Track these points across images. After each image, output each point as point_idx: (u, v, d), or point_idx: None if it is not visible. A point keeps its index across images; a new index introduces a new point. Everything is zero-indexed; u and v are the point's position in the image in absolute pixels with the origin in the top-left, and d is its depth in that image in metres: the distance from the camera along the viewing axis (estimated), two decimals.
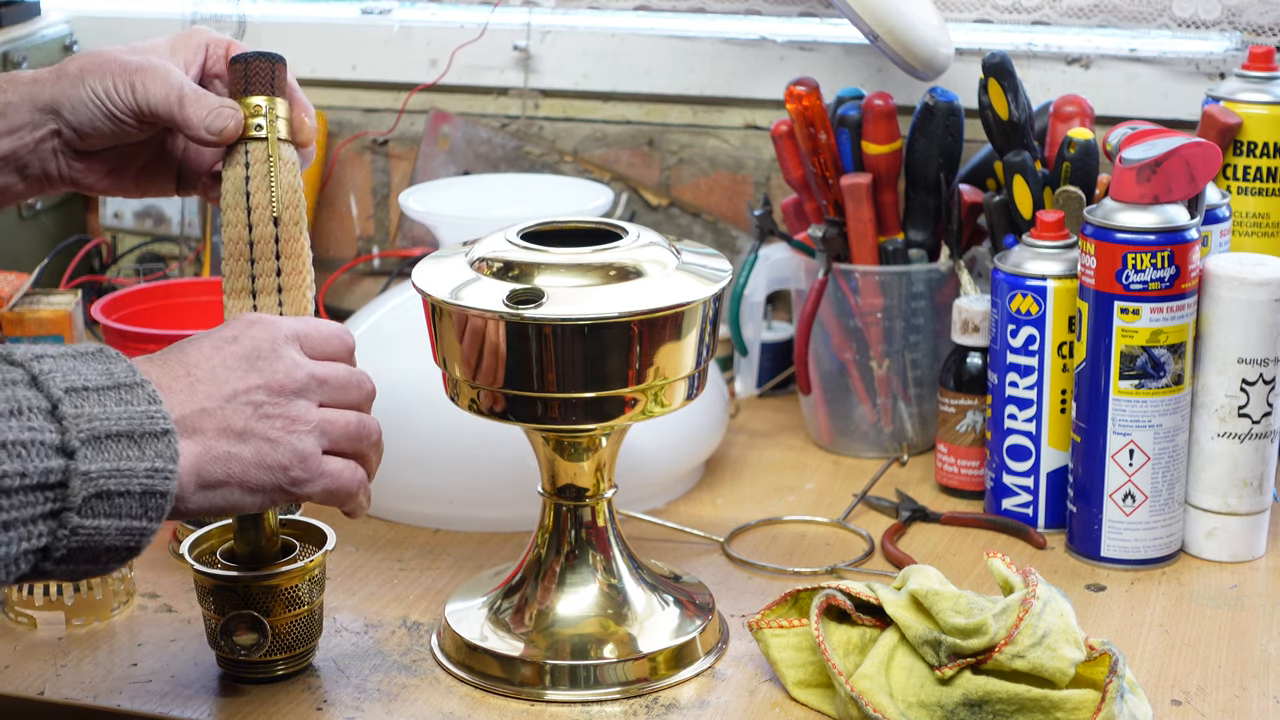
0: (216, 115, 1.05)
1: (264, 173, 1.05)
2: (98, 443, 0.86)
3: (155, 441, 0.88)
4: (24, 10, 1.74)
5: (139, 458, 0.87)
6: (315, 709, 1.07)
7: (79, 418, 0.85)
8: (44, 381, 0.86)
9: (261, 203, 1.05)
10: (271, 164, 1.05)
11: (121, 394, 0.88)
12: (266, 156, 1.06)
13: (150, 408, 0.89)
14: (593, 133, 1.69)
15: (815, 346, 1.45)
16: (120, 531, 0.87)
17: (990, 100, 1.35)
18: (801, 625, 1.08)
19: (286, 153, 1.07)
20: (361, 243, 1.77)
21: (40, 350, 0.88)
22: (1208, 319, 1.22)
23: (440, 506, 1.31)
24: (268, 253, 1.06)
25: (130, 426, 0.87)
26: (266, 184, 1.05)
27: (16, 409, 0.84)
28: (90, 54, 1.07)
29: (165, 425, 0.89)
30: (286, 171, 1.06)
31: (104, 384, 0.88)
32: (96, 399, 0.87)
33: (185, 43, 1.09)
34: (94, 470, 0.85)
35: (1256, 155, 1.36)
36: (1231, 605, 1.19)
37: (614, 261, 1.07)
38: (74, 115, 1.06)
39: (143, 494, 0.88)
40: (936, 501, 1.36)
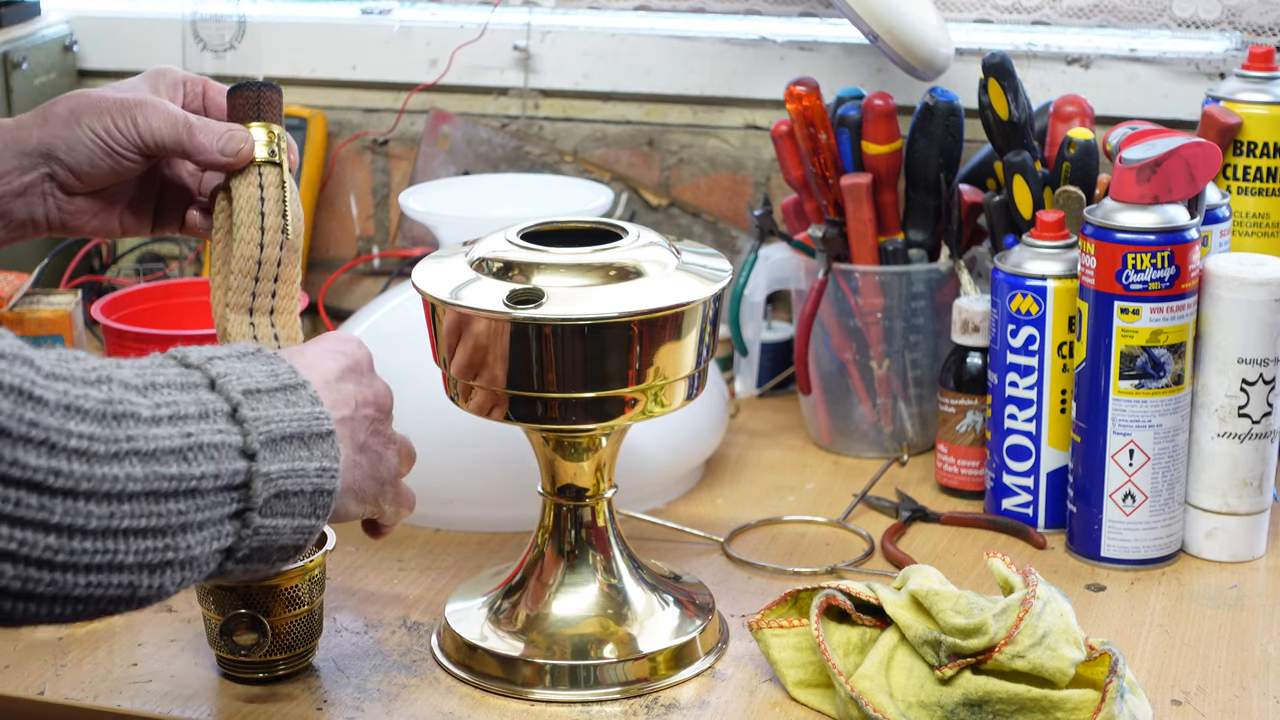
0: (229, 139, 1.07)
1: (278, 196, 1.07)
2: (274, 445, 0.88)
3: (321, 442, 0.91)
4: (24, 10, 1.74)
5: (309, 458, 0.90)
6: (315, 709, 1.07)
7: (257, 420, 0.88)
8: (222, 385, 0.88)
9: (274, 225, 1.07)
10: (286, 189, 1.07)
11: (289, 395, 0.91)
12: (280, 181, 1.08)
13: (314, 409, 0.92)
14: (593, 133, 1.69)
15: (815, 346, 1.45)
16: (294, 530, 0.90)
17: (990, 100, 1.35)
18: (801, 625, 1.08)
19: (293, 181, 1.09)
20: (361, 243, 1.78)
21: (210, 351, 0.91)
22: (1208, 319, 1.22)
23: (440, 506, 1.31)
24: (270, 274, 1.08)
25: (300, 428, 0.90)
26: (280, 208, 1.07)
27: (204, 412, 0.86)
28: (77, 95, 1.08)
29: (329, 426, 0.92)
30: (293, 200, 1.08)
31: (272, 385, 0.90)
32: (269, 401, 0.89)
33: (161, 80, 1.11)
34: (273, 471, 0.88)
35: (1256, 155, 1.36)
36: (1231, 605, 1.19)
37: (614, 261, 1.07)
38: (70, 156, 1.07)
39: (313, 493, 0.91)
40: (936, 501, 1.36)
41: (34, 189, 1.08)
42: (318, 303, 1.71)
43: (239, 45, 1.64)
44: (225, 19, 1.64)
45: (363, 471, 0.98)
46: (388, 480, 1.01)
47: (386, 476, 1.01)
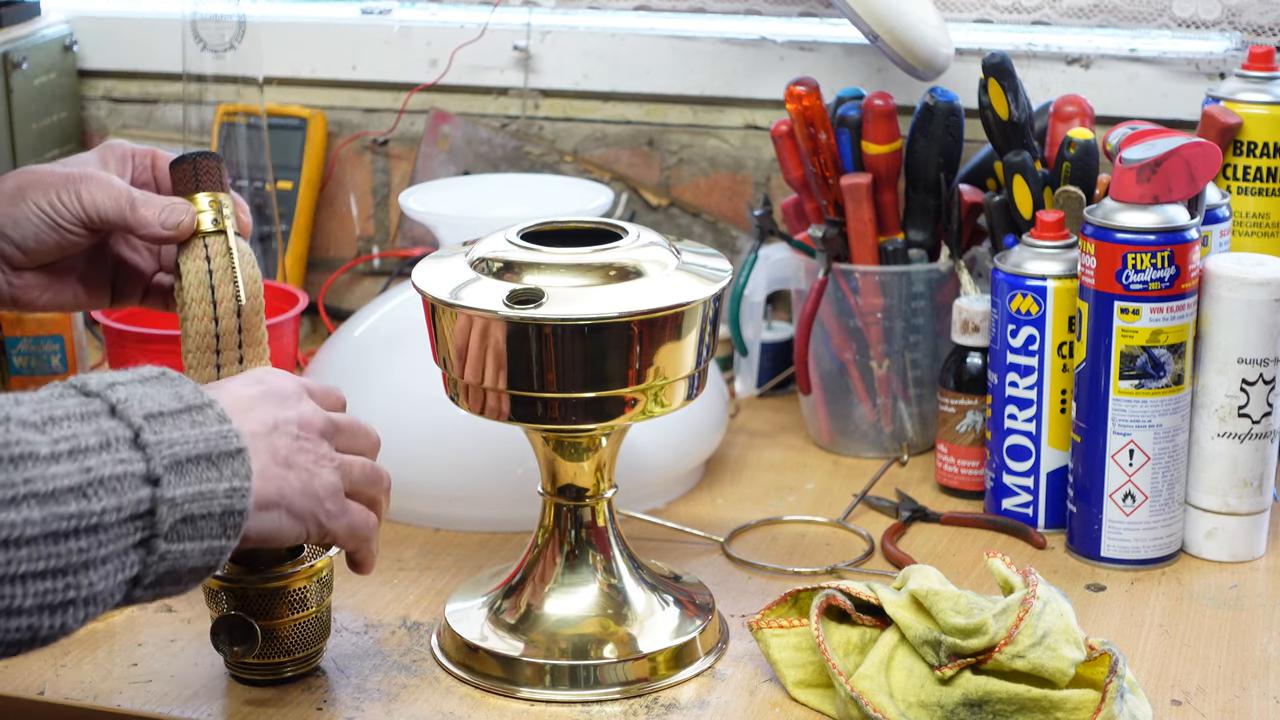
0: (170, 211, 1.07)
1: (225, 266, 1.07)
2: (179, 467, 0.87)
3: (231, 460, 0.90)
4: (24, 10, 1.74)
5: (218, 479, 0.89)
6: (315, 709, 1.07)
7: (160, 444, 0.87)
8: (122, 410, 0.87)
9: (226, 295, 1.07)
10: (233, 256, 1.07)
11: (194, 415, 0.90)
12: (226, 250, 1.07)
13: (222, 426, 0.90)
14: (593, 133, 1.69)
15: (815, 346, 1.45)
16: (203, 552, 0.89)
17: (990, 100, 1.35)
18: (801, 625, 1.08)
19: (243, 245, 1.08)
20: (361, 243, 1.77)
21: (111, 378, 0.89)
22: (1208, 319, 1.22)
23: (440, 506, 1.31)
24: (232, 343, 1.08)
25: (207, 448, 0.89)
26: (230, 276, 1.07)
27: (105, 442, 0.85)
28: (23, 172, 1.08)
29: (238, 444, 0.91)
30: (247, 263, 1.08)
31: (176, 407, 0.89)
32: (173, 423, 0.88)
33: (109, 154, 1.11)
34: (178, 496, 0.87)
35: (1256, 155, 1.36)
36: (1231, 605, 1.19)
37: (614, 261, 1.07)
38: (16, 231, 1.07)
39: (222, 514, 0.89)
40: (936, 501, 1.36)
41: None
42: (318, 303, 1.71)
43: (239, 45, 1.64)
44: (225, 19, 1.64)
45: (291, 486, 0.96)
46: (325, 497, 0.99)
47: (323, 493, 0.98)
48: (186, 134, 1.68)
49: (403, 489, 1.30)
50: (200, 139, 1.68)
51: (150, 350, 1.39)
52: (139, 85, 1.80)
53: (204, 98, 1.67)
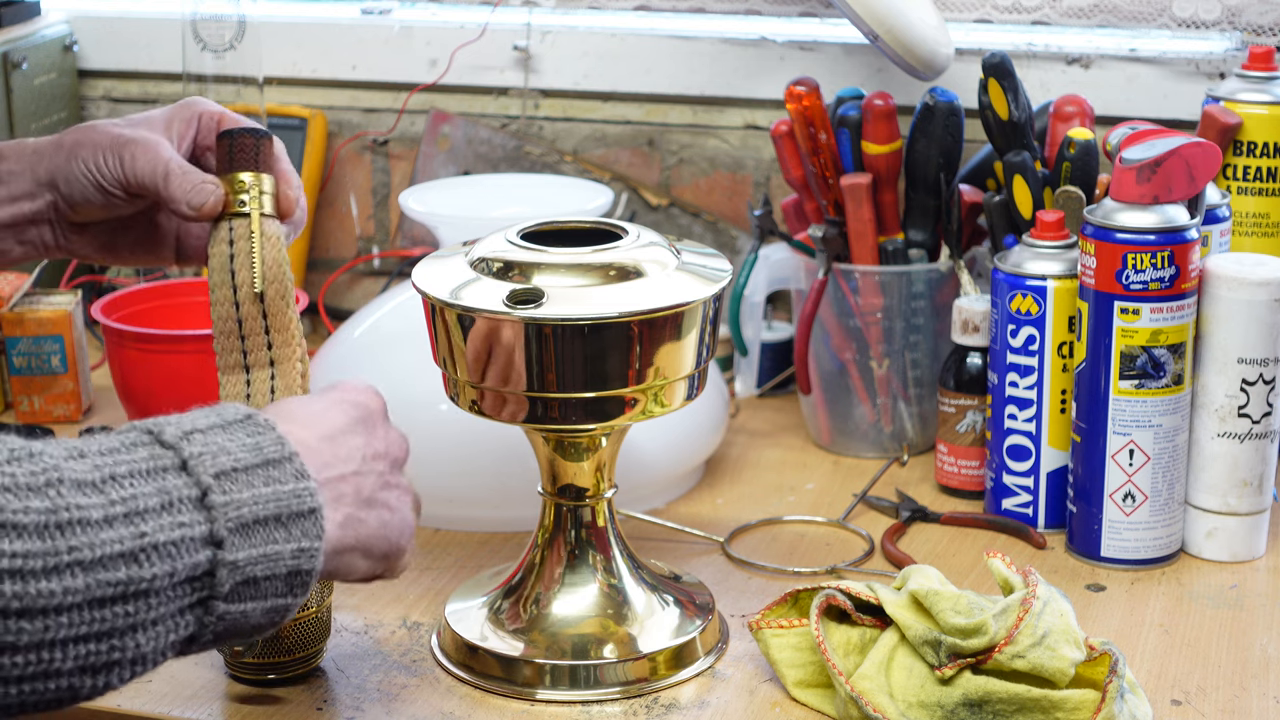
0: (198, 191, 1.05)
1: (247, 250, 1.05)
2: (245, 530, 0.84)
3: (302, 521, 0.87)
4: (24, 10, 1.74)
5: (286, 539, 0.86)
6: (315, 709, 1.07)
7: (228, 505, 0.84)
8: (194, 466, 0.84)
9: (246, 280, 1.05)
10: (254, 240, 1.05)
11: (270, 471, 0.86)
12: (250, 233, 1.05)
13: (298, 485, 0.87)
14: (593, 133, 1.69)
15: (815, 346, 1.45)
16: (265, 611, 0.86)
17: (990, 100, 1.35)
18: (801, 625, 1.08)
19: (270, 228, 1.06)
20: (361, 243, 1.78)
21: (190, 424, 0.86)
22: (1208, 319, 1.22)
23: (440, 506, 1.31)
24: (256, 329, 1.05)
25: (278, 509, 0.86)
26: (249, 261, 1.05)
27: (167, 502, 0.82)
28: (85, 127, 1.07)
29: (312, 503, 0.87)
30: (270, 247, 1.05)
31: (253, 462, 0.86)
32: (245, 480, 0.85)
33: (179, 114, 1.09)
34: (241, 559, 0.84)
35: (1256, 155, 1.36)
36: (1231, 605, 1.19)
37: (614, 261, 1.07)
38: (68, 188, 1.06)
39: (288, 574, 0.87)
40: (936, 501, 1.36)
41: (42, 216, 1.08)
42: (318, 303, 1.71)
43: (239, 45, 1.64)
44: (225, 19, 1.64)
45: (369, 529, 0.93)
46: (402, 536, 0.96)
47: (400, 533, 0.96)
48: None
49: None
50: None
51: (150, 350, 1.39)
52: (139, 85, 1.80)
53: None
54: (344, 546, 0.92)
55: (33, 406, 1.51)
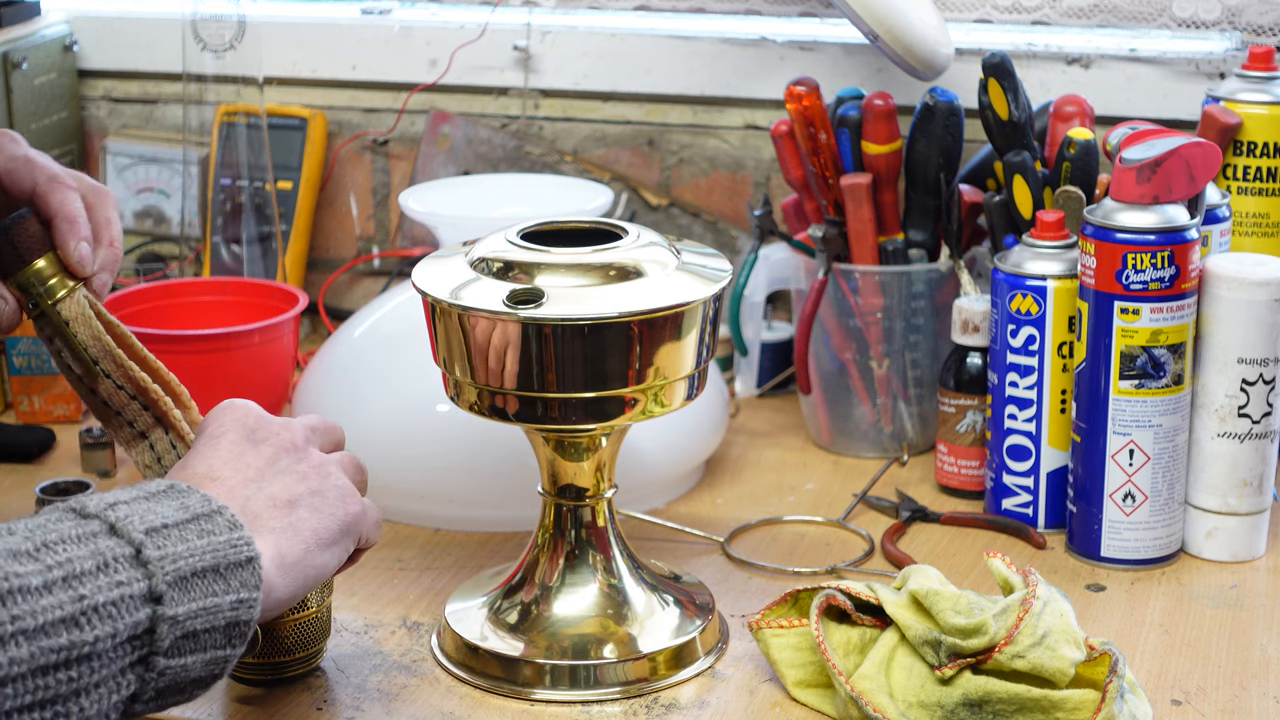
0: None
1: (64, 341, 1.03)
2: (184, 583, 0.84)
3: (240, 571, 0.87)
4: (24, 10, 1.74)
5: (224, 590, 0.86)
6: (315, 709, 1.07)
7: (164, 559, 0.84)
8: (123, 528, 0.84)
9: (83, 368, 1.03)
10: (65, 331, 1.03)
11: (202, 525, 0.87)
12: (56, 329, 1.03)
13: (233, 535, 0.88)
14: (593, 133, 1.69)
15: (815, 346, 1.45)
16: (205, 663, 0.87)
17: (990, 100, 1.35)
18: (801, 625, 1.08)
19: (73, 309, 1.03)
20: (361, 243, 1.77)
21: (113, 498, 0.86)
22: (1208, 319, 1.22)
23: (440, 506, 1.30)
24: (123, 400, 1.04)
25: (215, 560, 0.86)
26: (71, 351, 1.03)
27: (103, 563, 0.82)
28: None
29: (249, 553, 0.88)
30: (83, 328, 1.03)
31: (182, 518, 0.87)
32: (178, 535, 0.86)
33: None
34: (181, 614, 0.84)
35: (1256, 155, 1.36)
36: (1231, 605, 1.19)
37: (614, 261, 1.07)
38: None
39: (227, 625, 0.87)
40: (936, 501, 1.36)
41: None
42: (318, 303, 1.71)
43: (239, 45, 1.64)
44: (225, 19, 1.64)
45: (310, 524, 0.95)
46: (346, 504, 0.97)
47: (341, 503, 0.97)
48: (186, 134, 1.68)
49: (403, 489, 1.30)
50: (200, 139, 1.68)
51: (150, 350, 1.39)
52: (139, 85, 1.80)
53: (204, 98, 1.67)
54: (294, 556, 0.93)
55: (33, 406, 1.51)
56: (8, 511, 1.33)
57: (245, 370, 1.40)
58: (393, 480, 1.29)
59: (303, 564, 0.94)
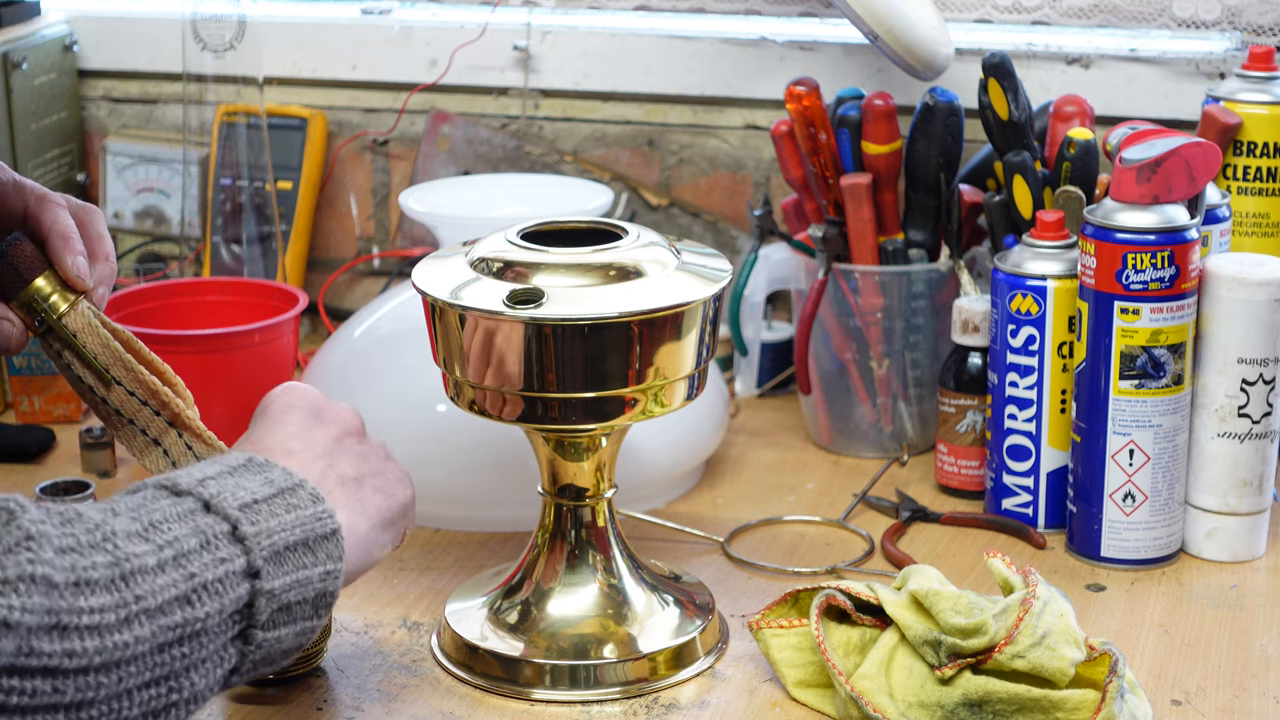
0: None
1: (74, 355, 1.05)
2: (278, 557, 0.88)
3: (326, 543, 0.91)
4: (24, 10, 1.74)
5: (313, 563, 0.90)
6: (315, 709, 1.07)
7: (259, 535, 0.87)
8: (217, 504, 0.87)
9: (94, 379, 1.05)
10: (74, 343, 1.04)
11: (288, 498, 0.90)
12: (68, 338, 1.04)
13: (317, 508, 0.91)
14: (593, 133, 1.69)
15: (815, 346, 1.45)
16: (296, 634, 0.90)
17: (990, 100, 1.35)
18: (801, 625, 1.08)
19: (76, 322, 1.05)
20: (361, 243, 1.78)
21: (199, 473, 0.89)
22: (1208, 319, 1.22)
23: (440, 506, 1.31)
24: (135, 406, 1.05)
25: (305, 534, 0.90)
26: (82, 362, 1.05)
27: (205, 541, 0.85)
28: None
29: (333, 525, 0.91)
30: (91, 338, 1.04)
31: (269, 493, 0.90)
32: (268, 510, 0.89)
33: None
34: (277, 587, 0.87)
35: (1256, 155, 1.36)
36: (1231, 605, 1.19)
37: (614, 261, 1.07)
38: None
39: (316, 597, 0.90)
40: (936, 501, 1.36)
41: None
42: (318, 303, 1.71)
43: (239, 45, 1.64)
44: (225, 19, 1.64)
45: (375, 503, 0.98)
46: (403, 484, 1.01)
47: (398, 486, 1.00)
48: (186, 134, 1.68)
49: None
50: (200, 139, 1.68)
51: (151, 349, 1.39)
52: (139, 85, 1.80)
53: (204, 98, 1.67)
54: (359, 534, 0.95)
55: (33, 406, 1.51)
56: None
57: (245, 370, 1.40)
58: None
59: (368, 540, 0.97)
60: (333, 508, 0.92)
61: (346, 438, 1.00)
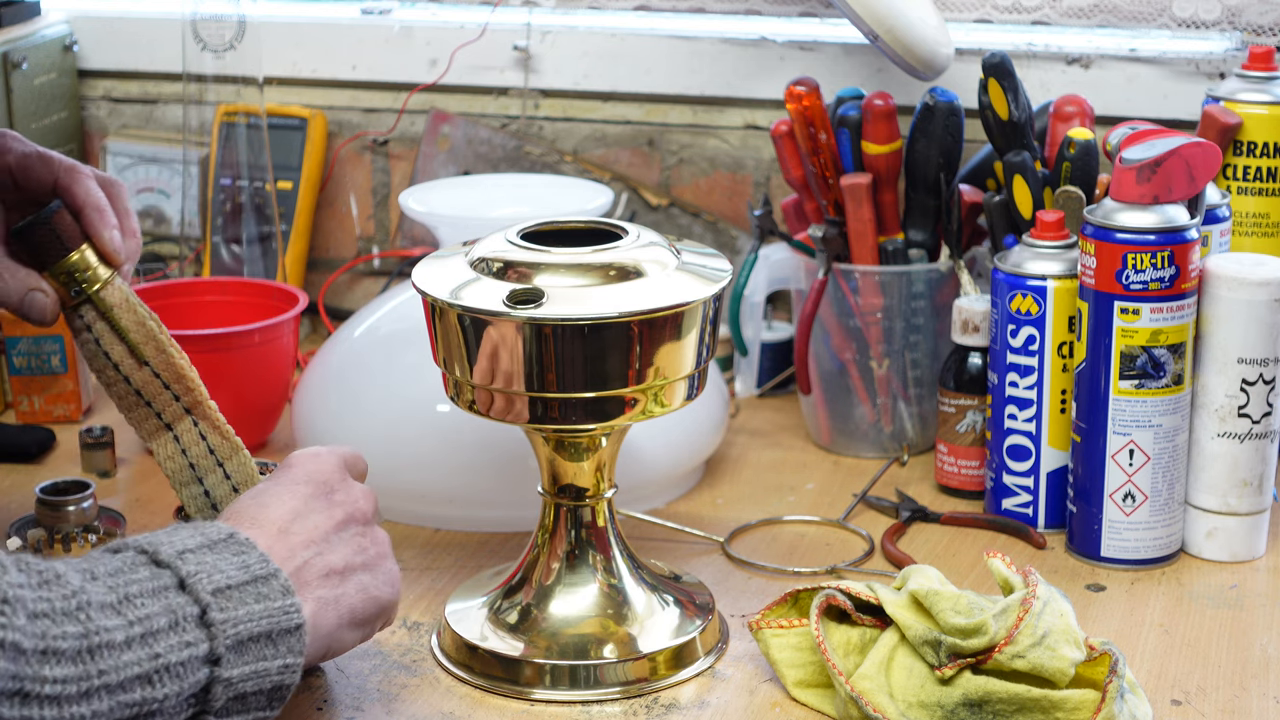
0: (31, 307, 1.04)
1: (107, 329, 1.04)
2: (240, 646, 0.89)
3: (289, 637, 0.91)
4: (24, 10, 1.74)
5: (273, 655, 0.90)
6: (315, 709, 1.07)
7: (225, 623, 0.88)
8: (192, 585, 0.88)
9: (122, 354, 1.05)
10: (109, 316, 1.04)
11: (259, 588, 0.91)
12: (99, 315, 1.04)
13: (285, 601, 0.91)
14: (593, 133, 1.69)
15: (815, 346, 1.45)
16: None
17: (990, 100, 1.35)
18: (801, 625, 1.08)
19: (115, 296, 1.05)
20: (361, 243, 1.77)
21: (181, 543, 0.90)
22: (1208, 319, 1.22)
23: (440, 506, 1.30)
24: (156, 389, 1.05)
25: (269, 626, 0.90)
26: (115, 337, 1.04)
27: (174, 622, 0.86)
28: None
29: (298, 619, 0.92)
30: (127, 314, 1.05)
31: (243, 579, 0.90)
32: (239, 598, 0.89)
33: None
34: (235, 676, 0.88)
35: (1256, 155, 1.36)
36: (1231, 605, 1.19)
37: (614, 261, 1.07)
38: None
39: (272, 689, 0.91)
40: (936, 501, 1.36)
41: None
42: (318, 303, 1.71)
43: (239, 45, 1.65)
44: (225, 19, 1.64)
45: (350, 599, 0.98)
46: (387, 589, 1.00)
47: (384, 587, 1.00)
48: (186, 134, 1.68)
49: (403, 489, 1.30)
50: (200, 139, 1.68)
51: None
52: (139, 85, 1.80)
53: (204, 98, 1.67)
54: (326, 628, 0.96)
55: (33, 406, 1.51)
56: (8, 512, 1.33)
57: (245, 370, 1.40)
58: (393, 480, 1.28)
59: (331, 638, 0.97)
60: (301, 602, 0.93)
61: (350, 524, 1.00)
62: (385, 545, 1.02)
